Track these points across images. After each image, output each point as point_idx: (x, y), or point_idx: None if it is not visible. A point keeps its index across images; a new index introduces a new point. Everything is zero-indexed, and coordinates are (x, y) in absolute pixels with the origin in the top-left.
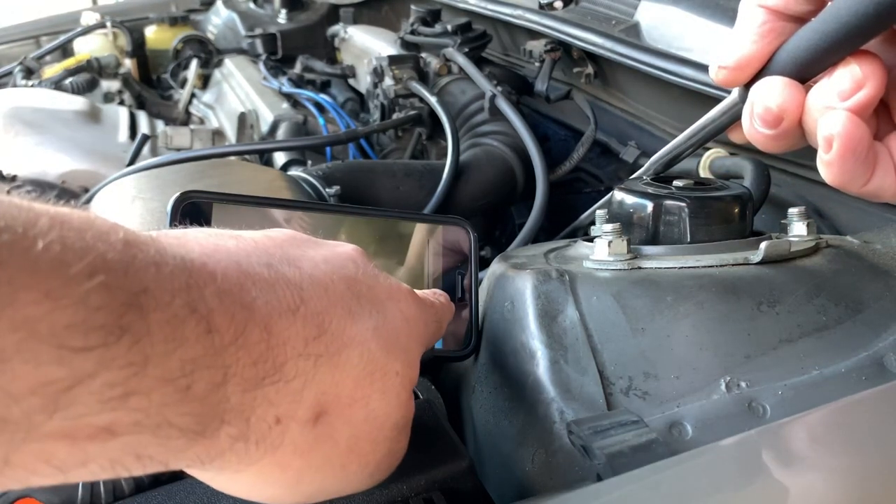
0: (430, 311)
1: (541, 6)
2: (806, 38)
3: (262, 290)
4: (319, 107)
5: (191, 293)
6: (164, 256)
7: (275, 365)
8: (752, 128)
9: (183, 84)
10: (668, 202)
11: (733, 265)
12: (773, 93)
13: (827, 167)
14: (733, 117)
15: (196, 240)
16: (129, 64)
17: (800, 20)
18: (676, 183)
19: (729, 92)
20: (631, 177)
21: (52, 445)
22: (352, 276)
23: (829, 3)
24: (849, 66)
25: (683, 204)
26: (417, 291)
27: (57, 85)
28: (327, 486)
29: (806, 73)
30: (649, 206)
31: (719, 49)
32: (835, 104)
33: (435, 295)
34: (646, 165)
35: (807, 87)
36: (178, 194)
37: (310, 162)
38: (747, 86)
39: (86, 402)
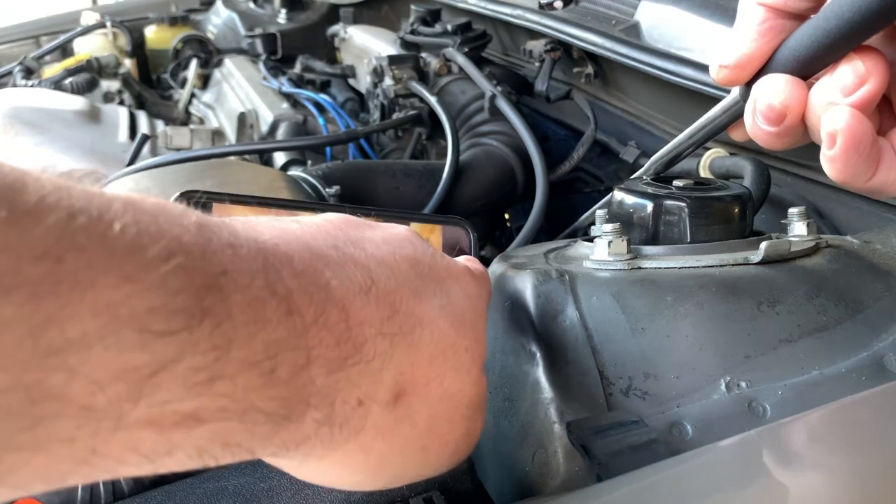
0: (485, 286)
1: (541, 6)
2: (808, 35)
3: (334, 272)
4: (319, 107)
5: (268, 275)
6: (238, 239)
7: (355, 346)
8: (755, 125)
9: (183, 84)
10: (668, 202)
11: (733, 265)
12: (775, 90)
13: (831, 163)
14: (734, 116)
15: (262, 224)
16: (128, 64)
17: (800, 17)
18: (676, 183)
19: (729, 91)
20: (631, 177)
21: (139, 433)
22: (412, 257)
23: (830, 0)
24: (852, 62)
25: (683, 204)
26: (462, 260)
27: (57, 85)
28: (408, 470)
29: (808, 69)
30: (649, 206)
31: (720, 48)
32: (838, 100)
33: (474, 263)
34: (646, 165)
35: (809, 84)
36: (177, 194)
37: (310, 162)
38: (748, 84)
39: (171, 388)
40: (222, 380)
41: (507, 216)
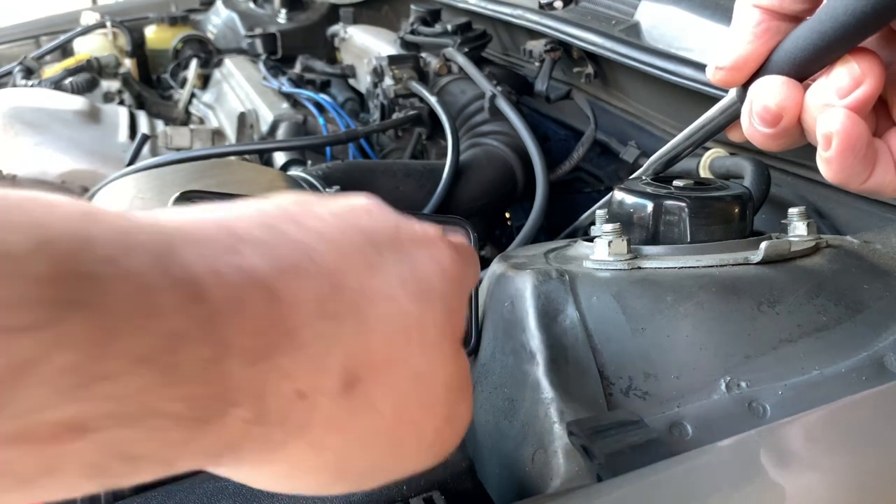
0: (466, 254)
1: (541, 6)
2: (803, 38)
3: (262, 253)
4: (319, 107)
5: (167, 260)
6: (134, 225)
7: (286, 331)
8: (752, 127)
9: (183, 84)
10: (668, 202)
11: (733, 265)
12: (771, 92)
13: (826, 164)
14: (731, 117)
15: (178, 211)
16: (128, 64)
17: (795, 19)
18: (676, 183)
19: (727, 92)
20: (630, 177)
21: (6, 452)
22: (368, 227)
23: (825, 2)
24: (847, 64)
25: (683, 204)
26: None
27: (57, 85)
28: (382, 465)
29: (804, 71)
30: (649, 206)
31: (716, 50)
32: (833, 101)
33: (460, 239)
34: (645, 165)
35: (805, 86)
36: (177, 194)
37: (310, 162)
38: (745, 85)
39: (37, 394)
40: (105, 381)
41: (507, 215)
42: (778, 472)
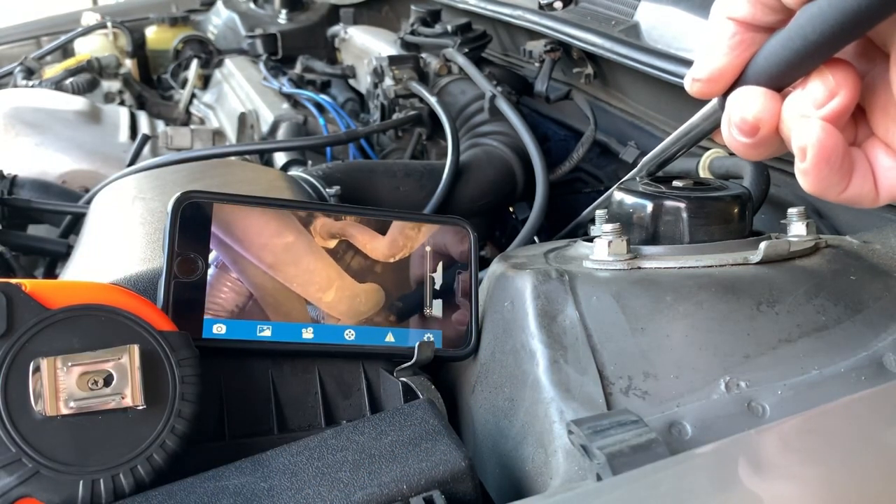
0: None
1: (541, 6)
2: (775, 53)
3: None
4: (319, 107)
5: None
6: None
7: None
8: (731, 136)
9: (183, 84)
10: (668, 202)
11: (733, 265)
12: (748, 103)
13: (803, 175)
14: (714, 123)
15: None
16: (129, 64)
17: (770, 30)
18: (676, 183)
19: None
20: (619, 181)
21: None
22: None
23: (794, 19)
24: (822, 76)
25: (682, 204)
26: None
27: (57, 85)
28: None
29: (779, 82)
30: (649, 206)
31: (694, 61)
32: (809, 113)
33: None
34: (635, 169)
35: (784, 95)
36: (178, 194)
37: (310, 162)
38: (725, 95)
39: None
40: None
41: (511, 209)
42: (777, 472)
